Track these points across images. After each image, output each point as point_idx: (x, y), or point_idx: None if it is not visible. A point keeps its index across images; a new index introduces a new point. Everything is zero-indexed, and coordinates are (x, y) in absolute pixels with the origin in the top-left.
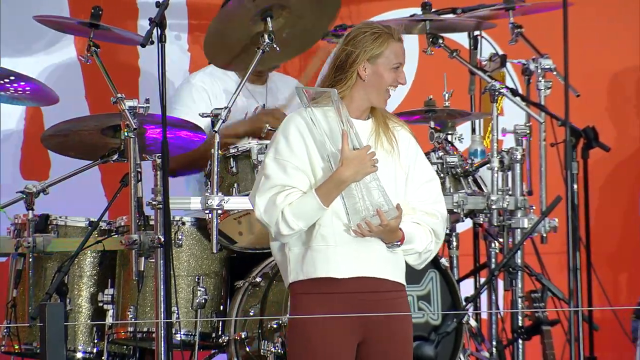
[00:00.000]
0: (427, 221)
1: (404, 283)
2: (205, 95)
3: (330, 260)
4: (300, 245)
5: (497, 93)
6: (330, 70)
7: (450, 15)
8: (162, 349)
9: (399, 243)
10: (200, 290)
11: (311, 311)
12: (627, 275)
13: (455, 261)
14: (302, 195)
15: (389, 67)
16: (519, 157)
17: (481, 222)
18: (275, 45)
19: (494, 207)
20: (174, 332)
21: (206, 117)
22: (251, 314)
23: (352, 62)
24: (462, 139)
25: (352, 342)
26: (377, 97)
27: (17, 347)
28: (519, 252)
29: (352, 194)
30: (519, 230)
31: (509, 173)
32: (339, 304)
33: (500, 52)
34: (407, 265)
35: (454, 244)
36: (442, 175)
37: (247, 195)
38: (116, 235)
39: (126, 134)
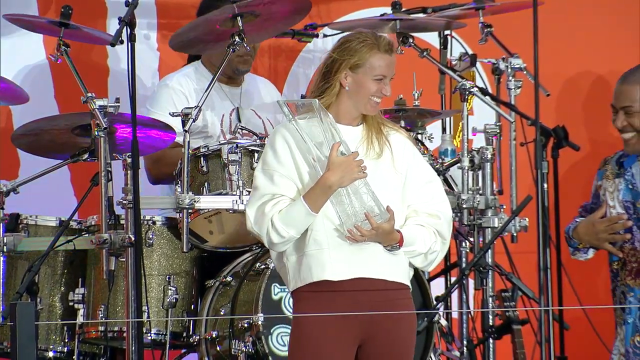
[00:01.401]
0: (429, 222)
1: (407, 283)
2: (183, 97)
3: (325, 264)
4: (296, 252)
5: (467, 92)
6: (317, 77)
7: (421, 15)
8: (133, 348)
9: (397, 245)
10: (171, 289)
11: (308, 311)
12: (597, 274)
13: None
14: (291, 203)
15: (371, 77)
16: (489, 156)
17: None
18: (245, 45)
19: (464, 206)
20: (144, 331)
21: (176, 116)
22: (222, 313)
23: (336, 70)
24: (432, 138)
25: (350, 344)
26: (362, 106)
27: None
28: (489, 251)
29: (341, 200)
30: (489, 229)
31: (480, 172)
32: (337, 305)
33: (470, 52)
34: None
35: None
36: None
37: (218, 194)
38: (87, 235)
39: (96, 133)
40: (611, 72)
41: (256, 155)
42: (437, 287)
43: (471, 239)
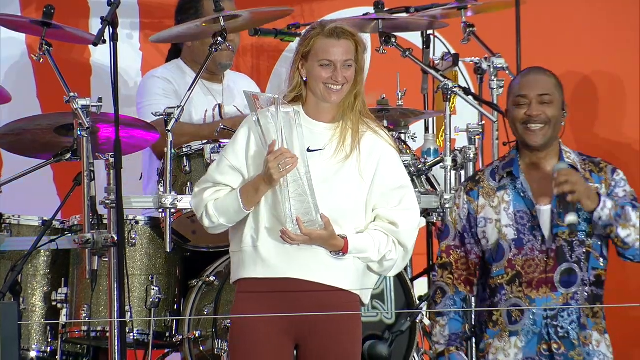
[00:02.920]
0: (388, 229)
1: (349, 289)
2: (170, 86)
3: (257, 261)
4: (235, 248)
5: (449, 92)
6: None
7: (403, 15)
8: (116, 348)
9: (341, 253)
10: (154, 289)
11: (244, 310)
12: None
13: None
14: (229, 193)
15: (318, 63)
16: (472, 156)
17: (434, 221)
18: (228, 45)
19: (447, 206)
20: (127, 331)
21: (159, 116)
22: (205, 312)
23: (294, 62)
24: (415, 138)
25: (284, 341)
26: (320, 95)
27: None
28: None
29: (284, 200)
30: None
31: (462, 172)
32: (269, 304)
33: (453, 51)
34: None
35: None
36: None
37: None
38: (69, 235)
39: (79, 132)
40: (595, 72)
41: None
42: (420, 287)
43: None
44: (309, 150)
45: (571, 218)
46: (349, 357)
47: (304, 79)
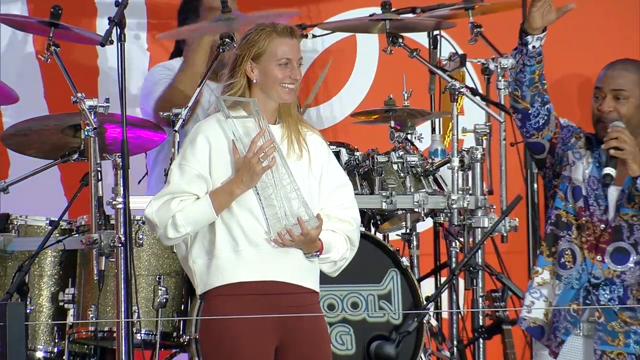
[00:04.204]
0: (342, 229)
1: (316, 290)
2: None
3: (239, 265)
4: (205, 255)
5: (457, 92)
6: (226, 77)
7: (410, 15)
8: (123, 348)
9: (317, 253)
10: (161, 289)
11: (223, 312)
12: None
13: (415, 260)
14: (196, 201)
15: (275, 64)
16: (479, 156)
17: (442, 222)
18: (235, 45)
19: (454, 206)
20: (135, 331)
21: (166, 116)
22: None
23: (239, 64)
24: (422, 138)
25: (266, 342)
26: (275, 95)
27: None
28: (479, 251)
29: (272, 203)
30: (479, 229)
31: (469, 172)
32: (250, 306)
33: (460, 52)
34: (368, 264)
35: (415, 243)
36: (402, 174)
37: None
38: (76, 235)
39: (86, 133)
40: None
41: None
42: (427, 287)
43: (461, 239)
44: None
45: (609, 171)
46: (329, 357)
47: (255, 80)
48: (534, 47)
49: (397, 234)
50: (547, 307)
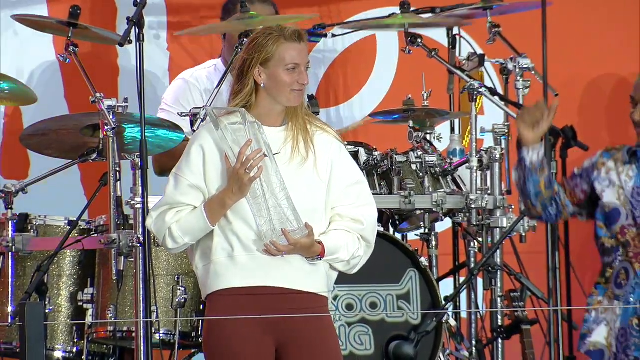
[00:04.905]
0: (353, 227)
1: (322, 292)
2: (197, 93)
3: (233, 271)
4: (202, 260)
5: (475, 92)
6: (233, 82)
7: (429, 15)
8: (142, 348)
9: (319, 257)
10: (180, 289)
11: (223, 314)
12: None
13: (434, 260)
14: (192, 211)
15: (283, 68)
16: (497, 156)
17: (460, 222)
18: None
19: (473, 206)
20: (153, 331)
21: (185, 116)
22: None
23: (247, 69)
24: (441, 138)
25: (265, 344)
26: (284, 99)
27: None
28: (498, 251)
29: (261, 213)
30: (498, 229)
31: (488, 172)
32: (249, 309)
33: (479, 52)
34: (387, 264)
35: (433, 243)
36: (421, 174)
37: None
38: (95, 235)
39: (105, 133)
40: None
41: None
42: (446, 287)
43: (480, 239)
44: (260, 155)
45: None
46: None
47: (263, 85)
48: (531, 162)
49: (415, 234)
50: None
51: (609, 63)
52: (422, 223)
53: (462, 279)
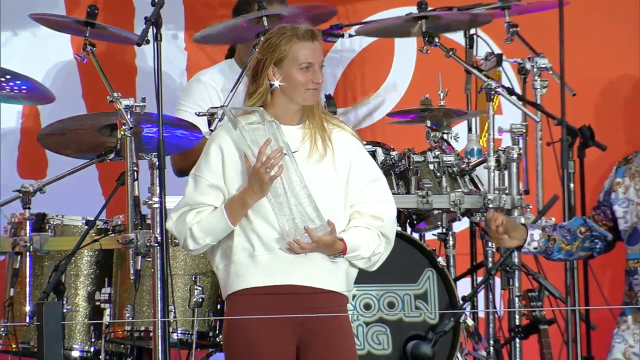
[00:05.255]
0: (373, 224)
1: (341, 291)
2: (214, 92)
3: (255, 270)
4: (223, 260)
5: (493, 92)
6: (248, 81)
7: (446, 12)
8: (160, 347)
9: (340, 254)
10: (197, 289)
11: (244, 314)
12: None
13: (452, 260)
14: (212, 212)
15: (297, 68)
16: (515, 156)
17: (478, 221)
18: None
19: (490, 206)
20: (171, 331)
21: (202, 116)
22: None
23: (261, 69)
24: (458, 138)
25: (286, 342)
26: (299, 98)
27: (14, 346)
28: (515, 251)
29: (283, 211)
30: None
31: (506, 172)
32: (270, 308)
33: (496, 51)
34: (405, 264)
35: (451, 243)
36: (438, 174)
37: None
38: (113, 234)
39: (122, 132)
40: None
41: None
42: (463, 287)
43: None
44: (280, 154)
45: None
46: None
47: (277, 85)
48: (538, 249)
49: (433, 234)
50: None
51: (627, 64)
52: (439, 223)
53: (479, 279)
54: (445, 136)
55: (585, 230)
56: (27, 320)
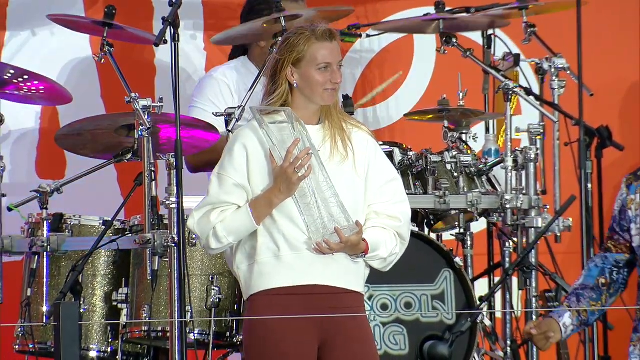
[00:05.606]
0: (391, 225)
1: (360, 290)
2: (227, 89)
3: (279, 271)
4: (247, 260)
5: (510, 92)
6: (267, 81)
7: (464, 14)
8: (177, 348)
9: (363, 254)
10: (214, 289)
11: (267, 315)
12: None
13: (469, 260)
14: (236, 211)
15: (315, 68)
16: (532, 156)
17: (495, 222)
18: None
19: (508, 206)
20: (187, 331)
21: (220, 116)
22: None
23: (280, 69)
24: (477, 138)
25: (308, 342)
26: (318, 98)
27: (31, 346)
28: (533, 251)
29: (310, 211)
30: (533, 229)
31: (523, 172)
32: (293, 308)
33: (514, 51)
34: (422, 264)
35: (468, 243)
36: (456, 174)
37: None
38: (130, 235)
39: (140, 133)
40: None
41: None
42: (480, 287)
43: (515, 239)
44: (308, 154)
45: None
46: (375, 357)
47: (296, 85)
48: (573, 330)
49: (450, 234)
50: None
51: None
52: (457, 223)
53: (497, 279)
54: (462, 136)
55: (605, 282)
56: (44, 321)
